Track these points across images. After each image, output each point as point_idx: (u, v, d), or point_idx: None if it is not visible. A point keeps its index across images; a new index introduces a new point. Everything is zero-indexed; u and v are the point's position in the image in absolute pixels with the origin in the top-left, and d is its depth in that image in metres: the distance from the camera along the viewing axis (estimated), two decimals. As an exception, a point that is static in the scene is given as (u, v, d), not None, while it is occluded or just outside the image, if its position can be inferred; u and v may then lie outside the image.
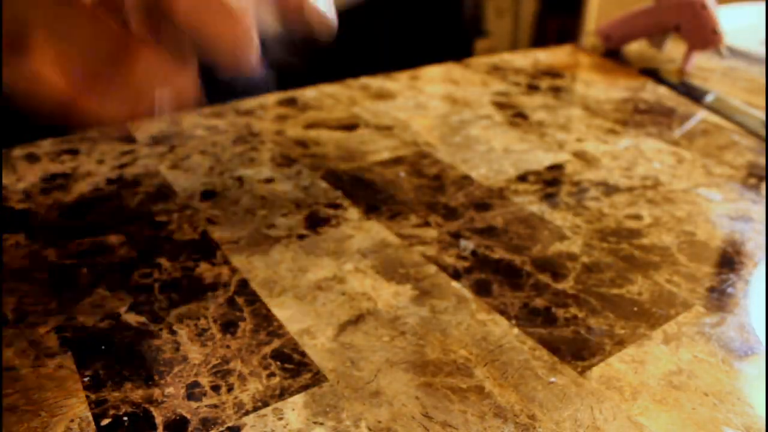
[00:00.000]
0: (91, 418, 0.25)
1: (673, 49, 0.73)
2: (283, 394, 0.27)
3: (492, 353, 0.29)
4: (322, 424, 0.25)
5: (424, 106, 0.56)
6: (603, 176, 0.45)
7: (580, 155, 0.49)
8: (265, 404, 0.26)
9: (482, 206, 0.41)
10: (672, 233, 0.39)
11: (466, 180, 0.44)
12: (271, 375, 0.28)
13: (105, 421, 0.25)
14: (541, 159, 0.48)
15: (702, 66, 0.71)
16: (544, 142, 0.51)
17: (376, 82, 0.61)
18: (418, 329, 0.30)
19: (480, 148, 0.49)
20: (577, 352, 0.29)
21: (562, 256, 0.36)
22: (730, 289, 0.34)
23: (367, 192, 0.43)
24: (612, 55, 0.72)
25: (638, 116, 0.56)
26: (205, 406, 0.26)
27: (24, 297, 0.31)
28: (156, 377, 0.27)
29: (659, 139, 0.52)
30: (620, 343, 0.30)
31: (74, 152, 0.46)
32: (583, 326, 0.31)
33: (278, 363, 0.28)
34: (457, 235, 0.38)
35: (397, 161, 0.47)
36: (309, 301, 0.32)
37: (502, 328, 0.31)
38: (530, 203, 0.42)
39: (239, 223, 0.38)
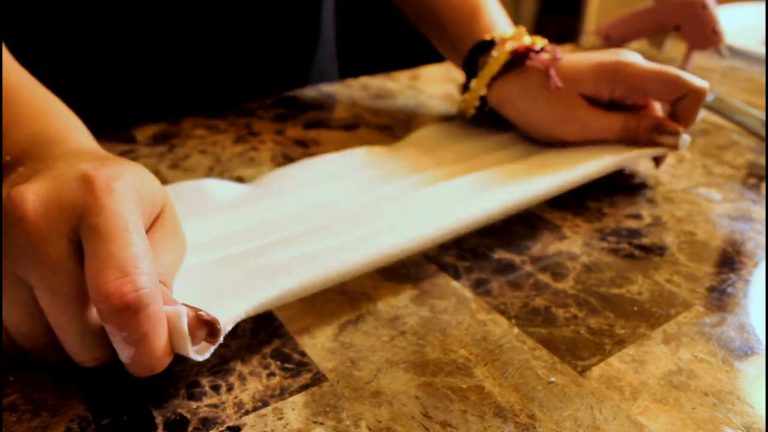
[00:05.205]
0: (91, 418, 0.25)
1: (673, 49, 0.73)
2: (283, 393, 0.27)
3: (492, 353, 0.29)
4: (322, 423, 0.25)
5: (424, 106, 0.56)
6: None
7: (580, 155, 0.49)
8: (265, 404, 0.26)
9: (482, 206, 0.41)
10: (672, 233, 0.39)
11: (466, 180, 0.44)
12: (271, 375, 0.27)
13: (105, 421, 0.25)
14: (541, 159, 0.48)
15: (702, 66, 0.71)
16: (544, 142, 0.51)
17: (376, 82, 0.61)
18: (418, 329, 0.30)
19: (480, 148, 0.49)
20: (577, 352, 0.29)
21: (562, 256, 0.36)
22: (730, 289, 0.34)
23: (367, 192, 0.42)
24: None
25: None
26: (205, 405, 0.26)
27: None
28: (156, 377, 0.27)
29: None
30: (620, 343, 0.30)
31: (74, 152, 0.46)
32: (583, 326, 0.31)
33: (278, 363, 0.28)
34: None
35: (397, 161, 0.46)
36: (309, 301, 0.32)
37: (502, 328, 0.31)
38: (530, 203, 0.42)
39: (239, 223, 0.38)
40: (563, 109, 0.43)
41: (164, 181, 0.42)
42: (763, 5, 0.86)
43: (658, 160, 0.45)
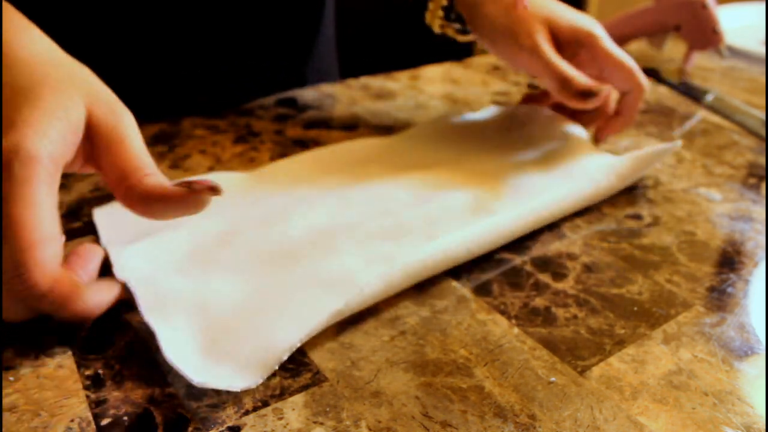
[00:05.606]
0: (91, 418, 0.25)
1: (673, 49, 0.73)
2: (283, 393, 0.27)
3: (492, 353, 0.29)
4: (322, 423, 0.25)
5: (424, 106, 0.56)
6: (603, 176, 0.45)
7: (580, 155, 0.49)
8: (265, 404, 0.26)
9: (482, 206, 0.41)
10: (672, 233, 0.39)
11: (466, 180, 0.44)
12: (271, 375, 0.27)
13: (105, 421, 0.25)
14: (541, 159, 0.48)
15: (702, 66, 0.71)
16: (544, 142, 0.51)
17: (376, 82, 0.61)
18: (418, 329, 0.30)
19: (480, 148, 0.49)
20: (577, 352, 0.29)
21: (562, 256, 0.36)
22: (730, 289, 0.34)
23: (367, 192, 0.42)
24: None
25: (638, 116, 0.56)
26: (205, 405, 0.26)
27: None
28: (156, 377, 0.27)
29: (659, 139, 0.52)
30: (620, 343, 0.30)
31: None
32: (583, 326, 0.31)
33: (278, 363, 0.28)
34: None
35: (397, 161, 0.46)
36: (309, 301, 0.32)
37: (502, 328, 0.31)
38: (530, 203, 0.42)
39: (239, 223, 0.38)
40: (525, 27, 0.44)
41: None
42: (763, 5, 0.86)
43: (597, 140, 0.47)
